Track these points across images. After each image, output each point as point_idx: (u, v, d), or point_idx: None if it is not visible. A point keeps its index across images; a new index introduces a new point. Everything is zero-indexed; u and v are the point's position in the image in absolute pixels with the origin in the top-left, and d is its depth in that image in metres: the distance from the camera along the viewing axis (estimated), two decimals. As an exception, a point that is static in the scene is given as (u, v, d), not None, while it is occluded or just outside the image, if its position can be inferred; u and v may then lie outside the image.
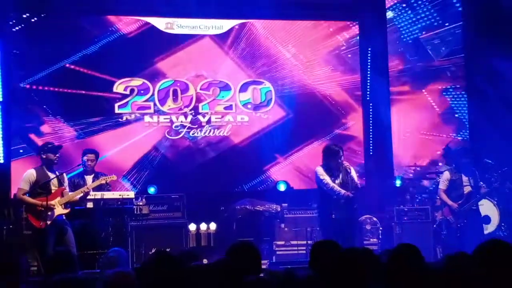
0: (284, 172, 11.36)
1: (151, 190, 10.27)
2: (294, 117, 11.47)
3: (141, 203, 9.39)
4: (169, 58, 11.04)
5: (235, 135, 11.30)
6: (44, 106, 10.37)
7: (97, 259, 8.23)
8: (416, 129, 11.75)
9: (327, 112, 11.66)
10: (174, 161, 11.03)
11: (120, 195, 8.88)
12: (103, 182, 8.52)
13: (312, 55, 11.60)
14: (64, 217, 8.11)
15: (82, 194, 8.26)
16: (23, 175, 8.16)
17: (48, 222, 7.88)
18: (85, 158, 8.93)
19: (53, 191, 8.04)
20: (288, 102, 11.48)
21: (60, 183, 8.16)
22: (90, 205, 8.66)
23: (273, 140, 11.34)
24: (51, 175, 8.09)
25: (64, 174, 8.38)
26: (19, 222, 8.55)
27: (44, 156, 8.14)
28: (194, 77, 11.13)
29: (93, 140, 10.46)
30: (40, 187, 7.98)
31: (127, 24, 10.89)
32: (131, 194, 9.09)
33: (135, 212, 9.28)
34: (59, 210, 8.00)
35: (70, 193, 8.24)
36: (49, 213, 7.91)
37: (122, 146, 10.76)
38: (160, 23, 11.02)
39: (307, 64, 11.59)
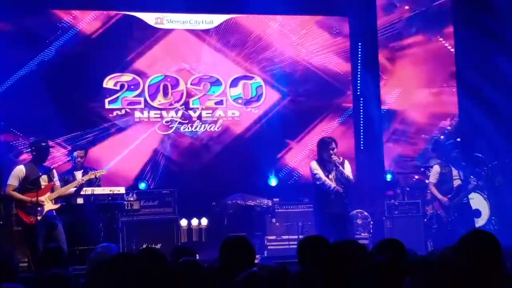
0: (301, 158, 11.26)
1: (142, 185, 10.25)
2: (293, 97, 11.42)
3: (132, 199, 9.36)
4: (145, 54, 10.91)
5: (236, 126, 11.25)
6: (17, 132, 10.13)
7: (88, 255, 8.20)
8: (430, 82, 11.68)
9: (327, 84, 11.58)
10: (180, 161, 10.99)
11: (110, 190, 8.85)
12: (92, 176, 8.49)
13: (300, 27, 11.55)
14: (55, 213, 8.09)
15: (75, 188, 8.24)
16: (12, 171, 8.13)
17: (38, 218, 7.85)
18: (75, 154, 8.90)
19: (43, 187, 8.01)
20: (282, 82, 11.41)
21: (50, 178, 8.13)
22: (80, 201, 8.64)
23: (278, 126, 11.22)
24: (41, 171, 8.07)
25: (54, 170, 8.35)
26: (9, 218, 8.53)
27: (35, 153, 8.10)
28: (184, 72, 11.10)
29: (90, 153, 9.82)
30: (29, 183, 7.94)
31: (88, 23, 10.67)
32: (121, 190, 9.05)
33: (126, 207, 9.25)
34: (49, 206, 7.97)
35: (61, 188, 8.22)
36: (39, 208, 7.89)
37: (122, 155, 10.68)
38: (149, 18, 10.98)
39: (296, 39, 11.51)
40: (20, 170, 8.03)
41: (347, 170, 8.24)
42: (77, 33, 10.58)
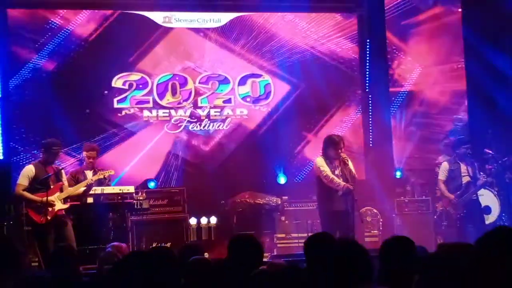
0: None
1: (151, 184, 10.26)
2: (305, 87, 11.35)
3: (141, 198, 9.37)
4: (148, 54, 10.87)
5: (249, 123, 11.24)
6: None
7: (98, 254, 8.22)
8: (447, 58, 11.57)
9: (338, 72, 11.51)
10: (194, 160, 11.00)
11: (120, 189, 8.87)
12: (101, 176, 8.52)
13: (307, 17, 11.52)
14: (64, 212, 8.12)
15: (85, 187, 8.28)
16: (22, 170, 8.16)
17: (49, 218, 7.90)
18: (87, 154, 8.87)
19: (52, 187, 8.05)
20: (292, 72, 11.35)
21: (58, 178, 8.17)
22: (90, 200, 8.65)
23: (293, 119, 11.17)
24: (50, 171, 8.09)
25: (62, 170, 8.39)
26: (19, 218, 8.56)
27: (46, 154, 8.13)
28: (191, 70, 11.10)
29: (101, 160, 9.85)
30: (39, 183, 7.98)
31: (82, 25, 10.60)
32: (131, 189, 9.07)
33: (136, 206, 9.26)
34: (59, 206, 8.02)
35: (70, 188, 8.26)
36: (50, 209, 7.93)
37: (136, 160, 10.68)
38: (158, 17, 10.99)
39: (305, 25, 11.46)
40: (29, 169, 8.08)
41: (352, 167, 8.18)
42: (71, 36, 10.51)
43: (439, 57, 11.64)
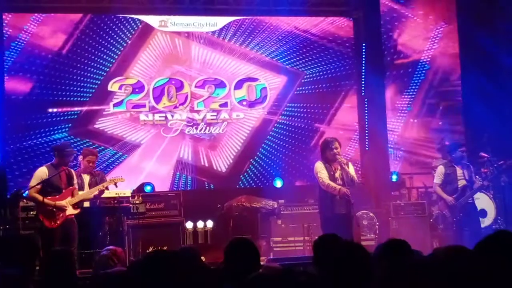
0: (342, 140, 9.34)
1: (147, 188, 10.25)
2: (307, 77, 11.41)
3: (137, 202, 9.36)
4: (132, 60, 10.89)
5: (253, 120, 11.32)
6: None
7: (94, 258, 8.21)
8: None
9: (337, 55, 11.58)
10: (204, 163, 11.06)
11: (116, 193, 8.85)
12: (112, 183, 8.48)
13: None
14: (73, 216, 8.09)
15: (97, 192, 8.26)
16: (35, 172, 8.12)
17: (59, 222, 7.88)
18: (89, 159, 8.77)
19: (64, 191, 8.03)
20: (290, 61, 11.40)
21: (70, 182, 8.14)
22: (86, 204, 8.63)
23: (300, 113, 11.25)
24: (62, 175, 8.04)
25: (74, 173, 8.34)
26: (15, 222, 8.53)
27: (59, 157, 8.08)
28: (187, 74, 11.11)
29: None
30: (51, 187, 7.95)
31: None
32: (127, 193, 9.06)
33: (132, 210, 9.24)
34: (70, 211, 7.99)
35: (82, 192, 8.24)
36: (61, 214, 7.90)
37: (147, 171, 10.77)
38: (154, 21, 11.00)
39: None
40: (43, 172, 8.01)
41: (351, 171, 8.19)
42: (42, 51, 10.49)
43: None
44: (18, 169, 10.18)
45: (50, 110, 10.52)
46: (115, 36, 10.84)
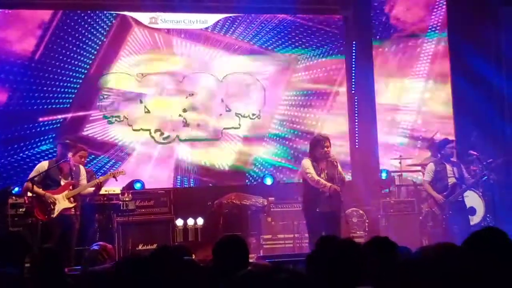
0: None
1: (137, 185, 10.21)
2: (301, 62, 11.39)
3: (127, 199, 9.33)
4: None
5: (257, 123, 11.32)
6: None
7: (83, 255, 8.17)
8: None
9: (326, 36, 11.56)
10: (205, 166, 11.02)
11: (106, 191, 8.84)
12: (111, 177, 8.47)
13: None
14: (73, 212, 8.04)
15: (94, 188, 8.24)
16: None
17: (53, 216, 7.86)
18: (81, 154, 8.72)
19: (62, 184, 8.02)
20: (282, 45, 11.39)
21: (72, 177, 8.10)
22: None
23: (302, 104, 11.31)
24: (64, 168, 8.06)
25: (83, 169, 8.31)
26: (4, 219, 8.50)
27: (59, 149, 8.12)
28: (178, 73, 11.04)
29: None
30: (50, 180, 7.97)
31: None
32: (117, 190, 9.05)
33: (122, 207, 9.23)
34: (63, 204, 7.96)
35: (79, 187, 8.20)
36: (53, 207, 7.88)
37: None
38: (144, 17, 10.95)
39: None
40: (42, 166, 8.09)
41: (340, 170, 8.17)
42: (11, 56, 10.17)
43: None
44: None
45: (32, 120, 10.15)
46: (88, 35, 10.54)
